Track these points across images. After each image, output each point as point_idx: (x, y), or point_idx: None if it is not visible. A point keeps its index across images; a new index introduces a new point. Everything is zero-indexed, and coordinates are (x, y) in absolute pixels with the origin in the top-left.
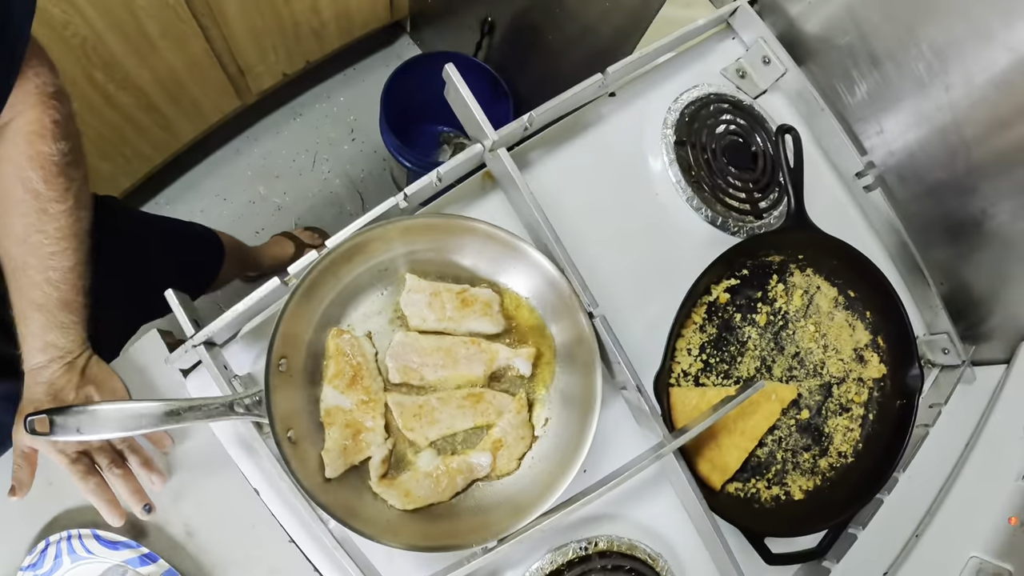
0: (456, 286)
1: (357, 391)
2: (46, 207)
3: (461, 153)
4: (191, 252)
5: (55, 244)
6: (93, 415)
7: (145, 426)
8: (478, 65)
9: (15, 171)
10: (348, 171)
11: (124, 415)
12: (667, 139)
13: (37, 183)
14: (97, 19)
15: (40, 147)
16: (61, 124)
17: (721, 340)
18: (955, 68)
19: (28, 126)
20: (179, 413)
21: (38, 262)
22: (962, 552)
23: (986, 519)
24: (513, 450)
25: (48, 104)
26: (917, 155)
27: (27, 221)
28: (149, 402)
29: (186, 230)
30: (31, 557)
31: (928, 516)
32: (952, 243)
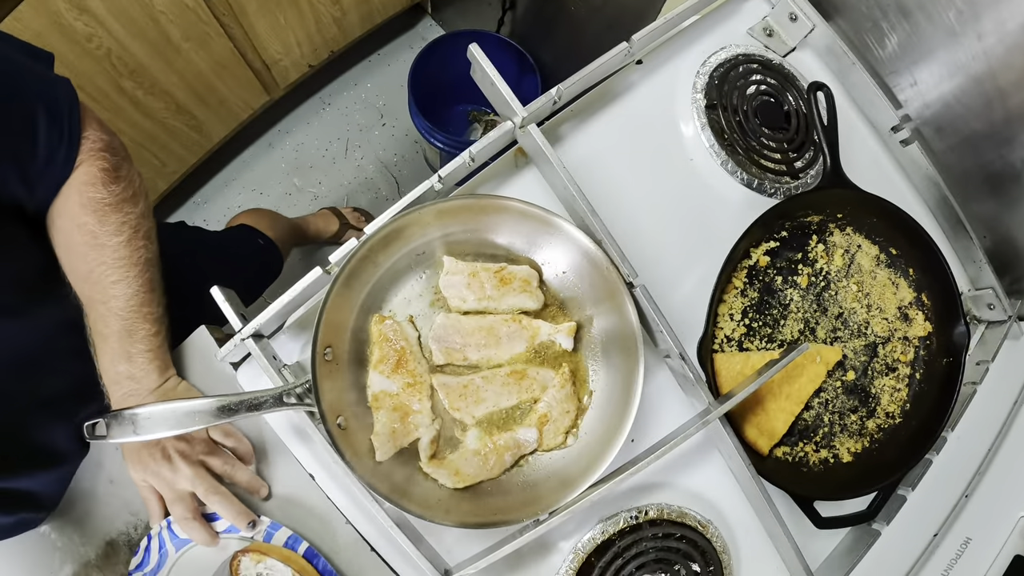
0: (494, 265)
1: (402, 375)
2: (103, 243)
3: (492, 131)
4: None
5: (114, 273)
6: (147, 416)
7: (199, 423)
8: (502, 41)
9: (71, 220)
10: (381, 156)
11: (177, 414)
12: (698, 103)
13: (93, 225)
14: (119, 29)
15: (91, 194)
16: (110, 172)
17: (763, 304)
18: (987, 15)
19: (78, 179)
20: (232, 408)
21: (100, 294)
22: (1012, 512)
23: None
24: (559, 424)
25: (97, 156)
26: (953, 106)
27: (88, 259)
28: (201, 399)
29: (252, 244)
30: (136, 558)
31: (977, 476)
32: (993, 195)
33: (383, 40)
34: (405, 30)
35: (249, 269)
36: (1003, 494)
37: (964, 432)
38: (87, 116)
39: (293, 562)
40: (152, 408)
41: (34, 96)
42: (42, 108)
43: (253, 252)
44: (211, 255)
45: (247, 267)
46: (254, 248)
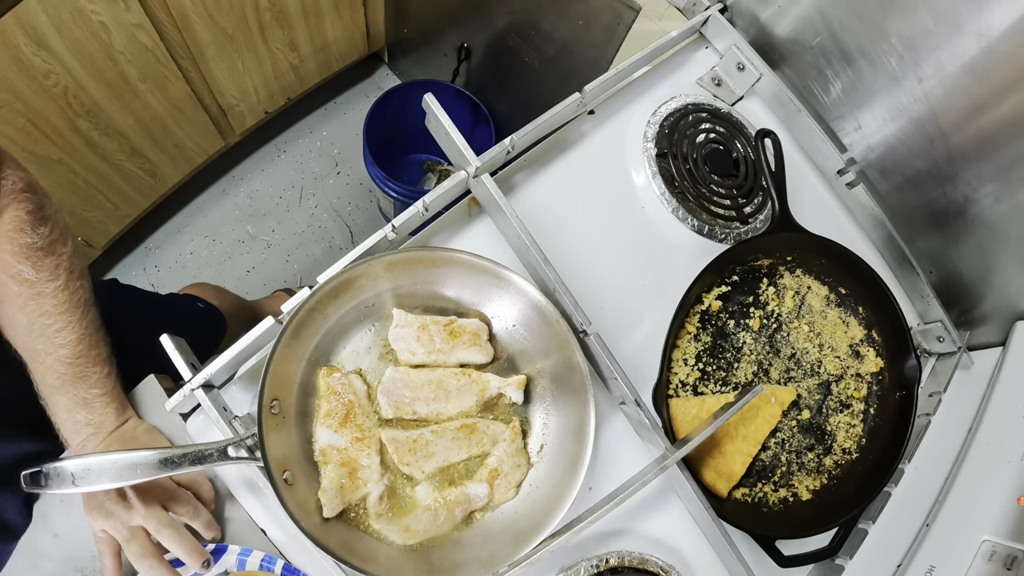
0: (443, 318)
1: (350, 429)
2: (41, 290)
3: (446, 181)
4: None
5: (57, 320)
6: (87, 468)
7: (140, 476)
8: (457, 91)
9: (4, 272)
10: (335, 204)
11: (118, 466)
12: (648, 152)
13: (28, 274)
14: (78, 67)
15: (21, 240)
16: (35, 213)
17: (716, 348)
18: (927, 59)
19: (4, 226)
20: (174, 461)
21: (46, 344)
22: (974, 537)
23: (995, 502)
24: (510, 478)
25: (20, 198)
26: (896, 148)
27: (28, 309)
28: (143, 451)
29: (190, 307)
30: None
31: (937, 504)
32: (938, 231)
33: (340, 88)
34: (362, 79)
35: (189, 329)
36: (964, 520)
37: (921, 463)
38: (3, 156)
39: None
40: (92, 460)
41: None
42: None
43: (193, 313)
44: (149, 312)
45: (187, 327)
46: (194, 310)
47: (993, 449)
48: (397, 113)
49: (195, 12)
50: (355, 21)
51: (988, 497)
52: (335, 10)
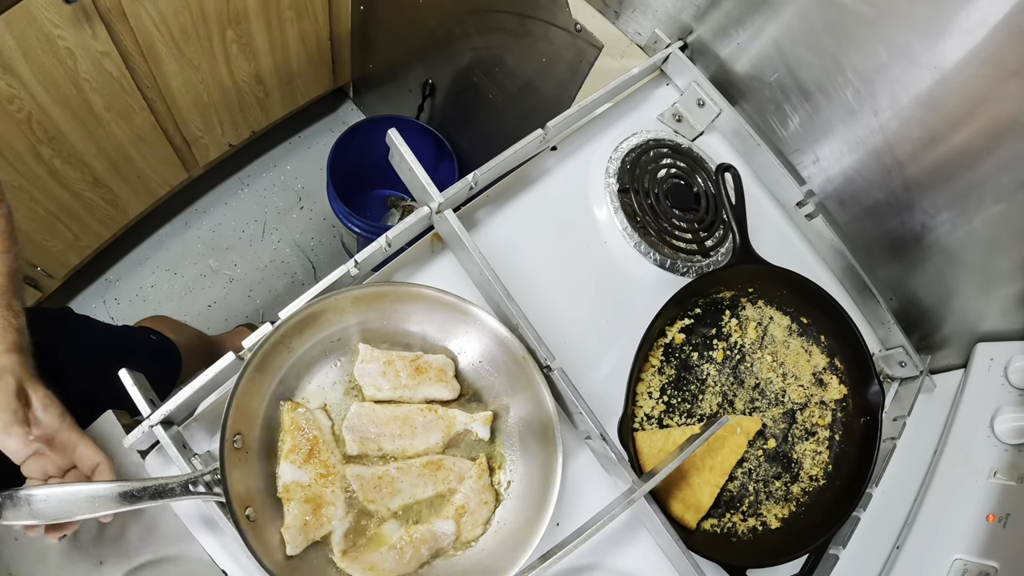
0: (409, 354)
1: (315, 465)
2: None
3: (409, 217)
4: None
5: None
6: (44, 499)
7: (100, 509)
8: (421, 127)
9: None
10: (298, 239)
11: (77, 498)
12: (610, 187)
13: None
14: (42, 92)
15: None
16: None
17: (681, 380)
18: (882, 92)
19: None
20: (134, 495)
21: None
22: (945, 556)
23: (964, 520)
24: (477, 515)
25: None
26: (854, 179)
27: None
28: (103, 484)
29: (143, 340)
30: None
31: (907, 526)
32: (896, 259)
33: (304, 122)
34: (326, 113)
35: (141, 362)
36: (934, 540)
37: (888, 486)
38: None
39: None
40: (50, 491)
41: None
42: None
43: (146, 346)
44: (100, 342)
45: (139, 359)
46: (147, 343)
47: (959, 469)
48: (361, 148)
49: (162, 42)
50: (321, 55)
51: (957, 516)
52: (301, 44)
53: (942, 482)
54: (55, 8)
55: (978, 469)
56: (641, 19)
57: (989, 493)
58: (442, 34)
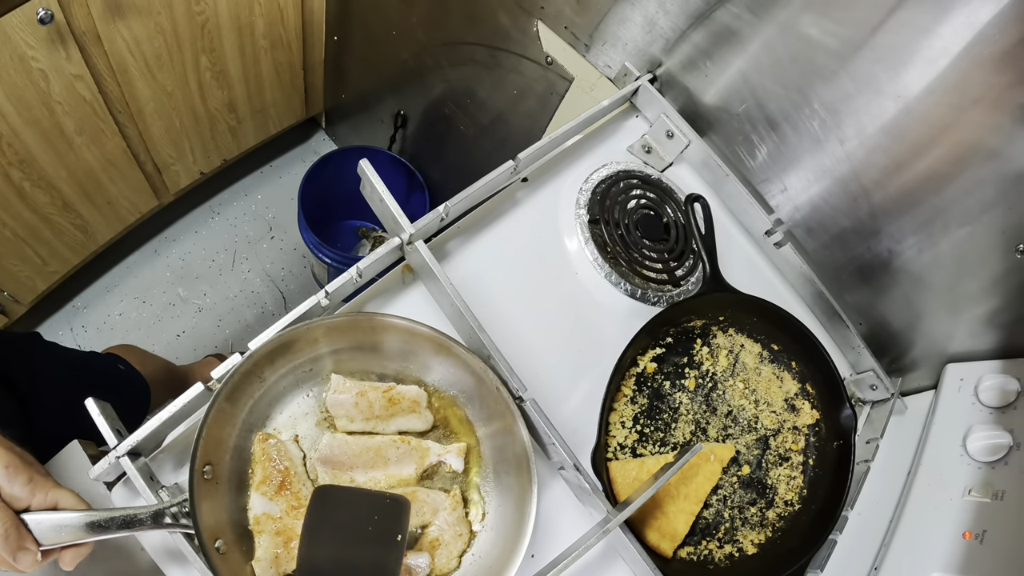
0: (382, 384)
1: (286, 497)
2: None
3: (380, 248)
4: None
5: None
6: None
7: (66, 539)
8: (393, 158)
9: None
10: (268, 269)
11: (43, 527)
12: (581, 218)
13: None
14: (13, 113)
15: None
16: None
17: (653, 409)
18: (847, 122)
19: None
20: (102, 525)
21: None
22: (924, 575)
23: (941, 539)
24: (451, 548)
25: None
26: (821, 207)
27: None
28: (70, 513)
29: (110, 369)
30: None
31: (884, 547)
32: (865, 285)
33: (276, 152)
34: (298, 143)
35: (108, 391)
36: (912, 560)
37: (864, 508)
38: None
39: None
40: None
41: None
42: None
43: (114, 375)
44: (67, 369)
45: (106, 388)
46: (114, 371)
47: (934, 488)
48: (333, 178)
49: (136, 67)
50: (294, 85)
51: (934, 535)
52: (275, 73)
53: (917, 502)
54: (30, 29)
55: (953, 487)
56: (611, 52)
57: (965, 511)
58: (415, 65)
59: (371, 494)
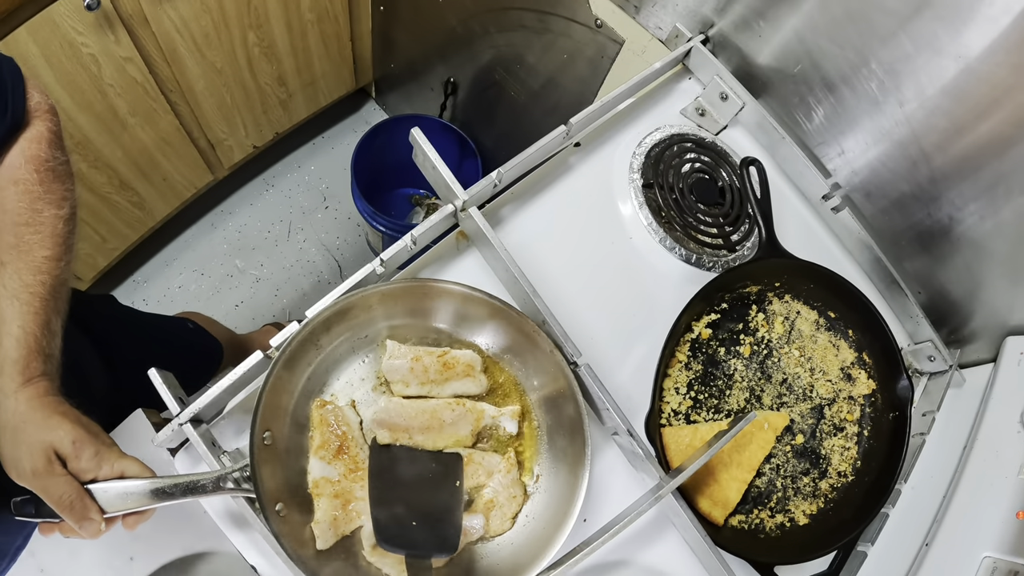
0: (437, 349)
1: (344, 461)
2: (41, 209)
3: (433, 215)
4: (190, 354)
5: (48, 248)
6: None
7: (132, 505)
8: (444, 126)
9: (8, 173)
10: (323, 239)
11: (109, 495)
12: (635, 183)
13: (33, 185)
14: (67, 98)
15: (37, 151)
16: (56, 135)
17: (708, 375)
18: (907, 83)
19: (25, 134)
20: (167, 491)
21: (29, 264)
22: (975, 554)
23: (994, 518)
24: (505, 510)
25: (45, 117)
26: (880, 171)
27: (19, 221)
28: (135, 481)
29: (182, 329)
30: None
31: (936, 523)
32: (924, 252)
33: (327, 123)
34: (349, 113)
35: (184, 355)
36: (963, 538)
37: (918, 482)
38: (31, 85)
39: None
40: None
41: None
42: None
43: (186, 336)
44: (144, 334)
45: (181, 352)
46: (185, 331)
47: (989, 465)
48: (385, 147)
49: (184, 47)
50: (343, 56)
51: (987, 513)
52: (323, 45)
53: (972, 478)
54: (77, 15)
55: (1008, 465)
56: (661, 13)
57: (1020, 490)
58: (463, 32)
59: (424, 451)
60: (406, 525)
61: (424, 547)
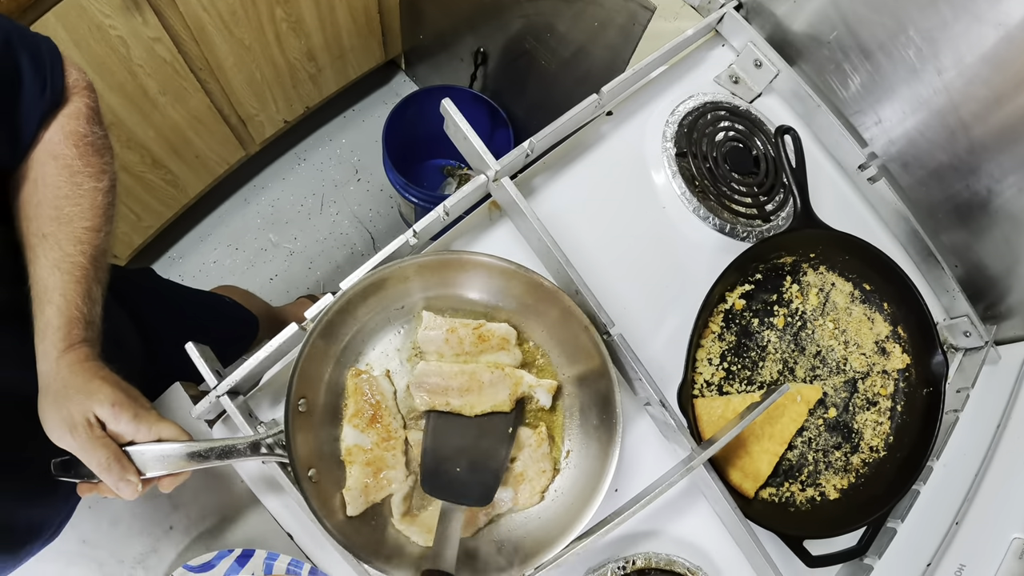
0: (473, 322)
1: (377, 430)
2: (81, 182)
3: (466, 185)
4: (229, 323)
5: (88, 219)
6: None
7: (169, 468)
8: (475, 96)
9: (48, 149)
10: (356, 211)
11: (146, 457)
12: (668, 152)
13: (72, 159)
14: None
15: (75, 126)
16: (94, 111)
17: (741, 347)
18: (945, 50)
19: (64, 111)
20: (202, 454)
21: (69, 234)
22: (1004, 535)
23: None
24: (535, 484)
25: (83, 93)
26: (917, 141)
27: (59, 194)
28: (172, 444)
29: (220, 303)
30: None
31: (966, 502)
32: (961, 225)
33: (358, 96)
34: (379, 86)
35: (222, 328)
36: (994, 518)
37: (950, 460)
38: (68, 63)
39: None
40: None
41: (19, 46)
42: (27, 57)
43: (223, 309)
44: (182, 307)
45: (219, 325)
46: (222, 305)
47: (1023, 444)
48: (415, 119)
49: (212, 24)
50: (371, 29)
51: (1018, 494)
52: (351, 19)
53: (1005, 457)
54: None
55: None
56: None
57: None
58: (491, 2)
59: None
60: (451, 473)
61: (463, 497)
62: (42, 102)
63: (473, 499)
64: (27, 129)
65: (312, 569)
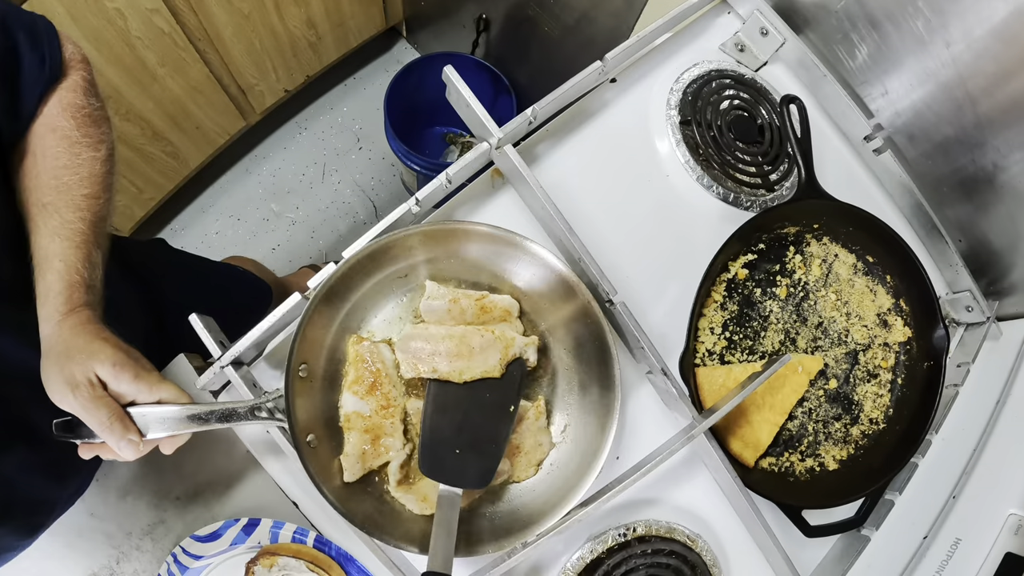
0: (475, 292)
1: (376, 397)
2: (79, 152)
3: (468, 153)
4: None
5: (87, 186)
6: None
7: (169, 429)
8: (477, 63)
9: (47, 122)
10: (358, 180)
11: (147, 419)
12: (672, 120)
13: (70, 130)
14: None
15: (72, 99)
16: (91, 83)
17: (743, 316)
18: (954, 23)
19: (62, 84)
20: (202, 417)
21: (68, 202)
22: (1000, 510)
23: (1022, 475)
24: (531, 457)
25: (79, 66)
26: (924, 113)
27: (58, 164)
28: (171, 406)
29: (231, 272)
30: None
31: (964, 476)
32: (966, 199)
33: (359, 64)
34: (380, 53)
35: (238, 297)
36: (990, 492)
37: (948, 434)
38: (63, 37)
39: (304, 555)
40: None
41: (15, 25)
42: (23, 35)
43: (235, 276)
44: (197, 277)
45: (234, 294)
46: (234, 274)
47: (1021, 421)
48: (417, 86)
49: None
50: None
51: (1015, 470)
52: None
53: (1003, 433)
54: None
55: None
56: None
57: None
58: None
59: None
60: (449, 455)
61: (461, 480)
62: (41, 78)
63: (471, 481)
64: (28, 104)
65: (317, 537)
